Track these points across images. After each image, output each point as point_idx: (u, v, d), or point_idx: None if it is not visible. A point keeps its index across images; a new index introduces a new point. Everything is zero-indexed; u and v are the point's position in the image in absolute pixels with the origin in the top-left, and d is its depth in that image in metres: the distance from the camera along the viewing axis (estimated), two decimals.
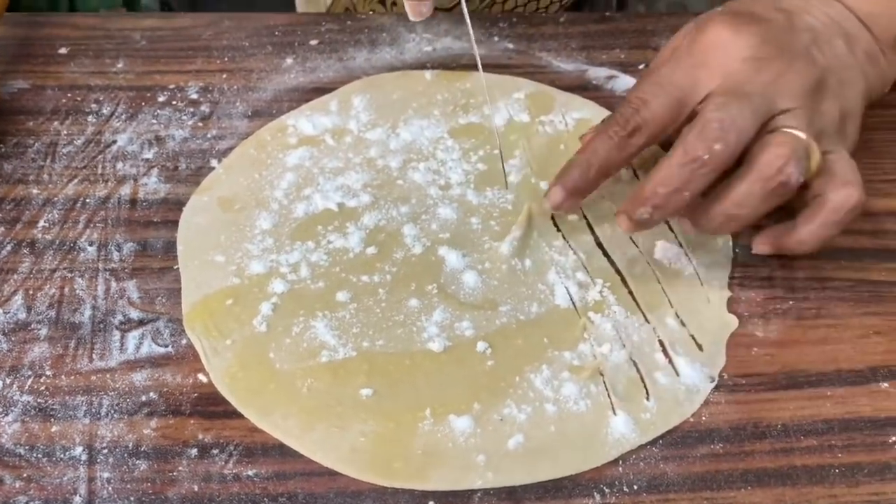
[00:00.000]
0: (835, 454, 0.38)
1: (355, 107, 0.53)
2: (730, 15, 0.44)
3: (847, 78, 0.44)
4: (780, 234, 0.42)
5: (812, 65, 0.43)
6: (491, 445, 0.37)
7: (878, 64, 0.46)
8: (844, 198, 0.40)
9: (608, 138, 0.42)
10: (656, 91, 0.42)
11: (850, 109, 0.44)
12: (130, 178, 0.49)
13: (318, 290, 0.43)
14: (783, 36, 0.43)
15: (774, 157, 0.39)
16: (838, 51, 0.45)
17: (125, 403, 0.39)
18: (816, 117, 0.42)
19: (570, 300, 0.43)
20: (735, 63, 0.42)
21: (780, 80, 0.42)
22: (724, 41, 0.42)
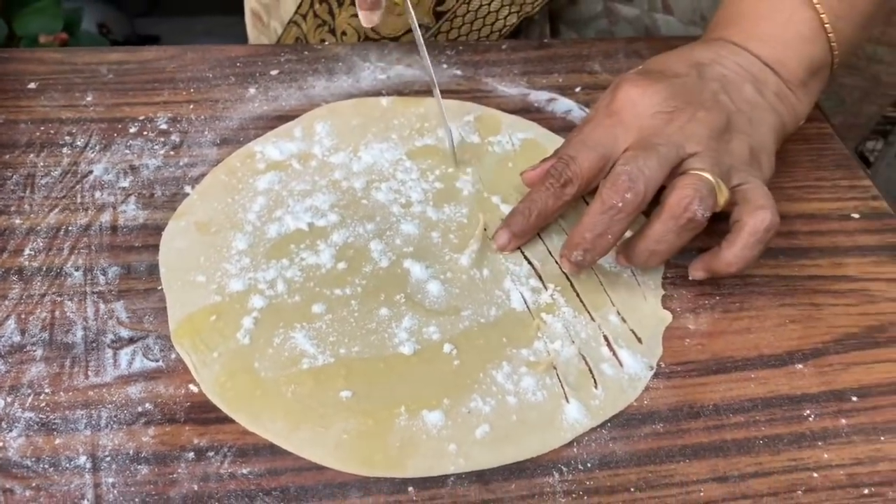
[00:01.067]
0: (759, 428, 0.43)
1: (318, 132, 0.57)
2: (641, 75, 0.50)
3: (757, 117, 0.50)
4: (710, 260, 0.47)
5: (718, 110, 0.48)
6: (461, 435, 0.42)
7: (789, 102, 0.52)
8: (759, 220, 0.45)
9: (545, 189, 0.49)
10: (580, 148, 0.48)
11: (760, 144, 0.49)
12: (109, 206, 0.52)
13: (295, 304, 0.47)
14: (691, 88, 0.49)
15: (680, 198, 0.45)
16: (747, 94, 0.50)
17: (123, 414, 0.42)
18: (724, 156, 0.47)
19: (524, 304, 0.48)
20: (646, 118, 0.48)
21: (686, 127, 0.47)
22: (634, 100, 0.48)
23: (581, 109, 0.61)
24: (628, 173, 0.45)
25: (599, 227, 0.45)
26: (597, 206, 0.45)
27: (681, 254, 0.48)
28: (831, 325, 0.49)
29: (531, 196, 0.50)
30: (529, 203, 0.49)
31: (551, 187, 0.49)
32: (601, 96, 0.52)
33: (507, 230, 0.50)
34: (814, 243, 0.53)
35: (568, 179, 0.48)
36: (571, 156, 0.48)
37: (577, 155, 0.48)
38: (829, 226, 0.55)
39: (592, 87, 0.63)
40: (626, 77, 0.50)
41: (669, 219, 0.45)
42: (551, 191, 0.49)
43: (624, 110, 0.49)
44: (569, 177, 0.48)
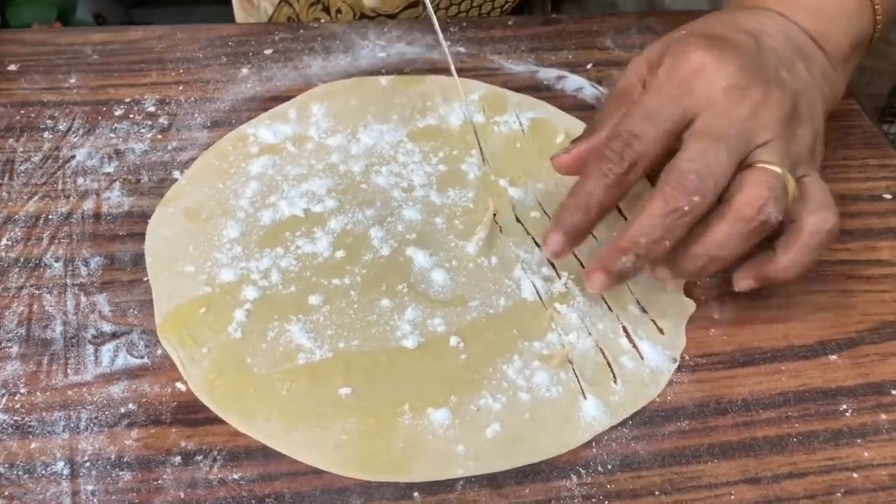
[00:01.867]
0: (792, 424, 0.40)
1: (314, 114, 0.54)
2: (705, 39, 0.43)
3: (813, 99, 0.44)
4: (761, 266, 0.42)
5: (785, 91, 0.42)
6: (469, 435, 0.39)
7: (830, 81, 0.47)
8: (821, 222, 0.40)
9: (603, 176, 0.41)
10: (646, 125, 0.41)
11: (818, 130, 0.44)
12: (92, 193, 0.49)
13: (291, 295, 0.44)
14: (756, 60, 0.43)
15: (753, 198, 0.39)
16: (801, 73, 0.45)
17: (104, 416, 0.39)
18: (793, 145, 0.42)
19: (536, 293, 0.45)
20: (718, 91, 0.41)
21: (759, 111, 0.41)
22: (706, 68, 0.41)
23: (593, 87, 0.58)
24: (697, 172, 0.39)
25: (658, 231, 0.39)
26: (657, 207, 0.39)
27: None
28: (865, 313, 0.45)
29: (584, 186, 0.41)
30: (585, 195, 0.41)
31: (611, 173, 0.40)
32: (642, 58, 0.46)
33: (560, 232, 0.41)
34: (844, 226, 0.49)
35: (633, 162, 0.40)
36: (635, 133, 0.41)
37: (642, 132, 0.41)
38: (860, 207, 0.51)
39: (604, 64, 0.60)
40: (693, 40, 0.43)
41: (738, 221, 0.39)
42: (611, 178, 0.40)
43: (693, 79, 0.41)
44: (633, 159, 0.40)
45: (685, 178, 0.39)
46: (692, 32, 0.45)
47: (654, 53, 0.46)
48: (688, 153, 0.40)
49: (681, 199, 0.39)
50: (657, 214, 0.39)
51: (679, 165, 0.39)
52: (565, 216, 0.41)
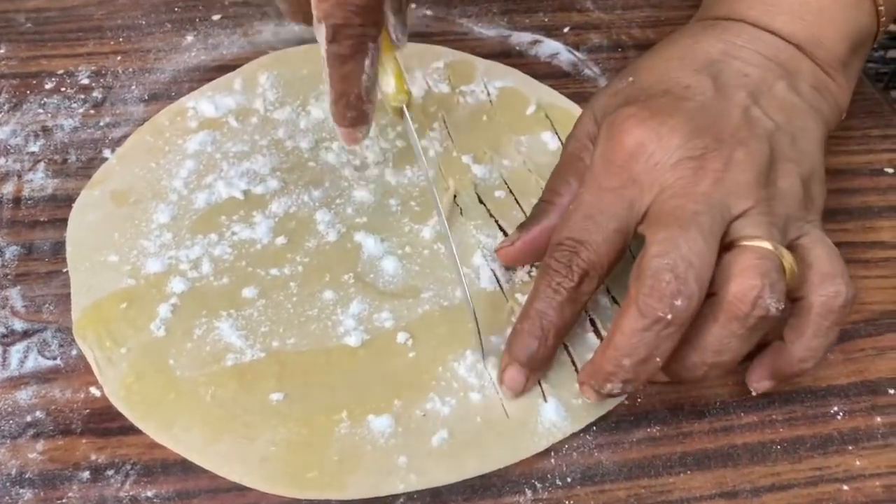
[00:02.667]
0: (776, 430, 0.36)
1: (261, 84, 0.49)
2: (643, 110, 0.36)
3: (798, 129, 0.37)
4: (774, 362, 0.35)
5: (753, 142, 0.35)
6: (413, 444, 0.35)
7: (829, 92, 0.40)
8: (831, 298, 0.34)
9: (555, 293, 0.35)
10: (589, 227, 0.35)
11: (810, 169, 0.37)
12: (14, 175, 0.45)
13: (222, 288, 0.40)
14: (713, 115, 0.36)
15: (745, 291, 0.32)
16: (782, 98, 0.38)
17: (8, 426, 0.35)
18: (777, 205, 0.35)
19: (496, 283, 0.41)
20: (666, 173, 0.34)
21: (723, 179, 0.34)
22: (645, 146, 0.35)
23: (570, 52, 0.53)
24: (671, 269, 0.32)
25: (642, 349, 0.32)
26: (634, 321, 0.32)
27: None
28: (862, 302, 0.41)
29: (535, 306, 0.35)
30: (538, 318, 0.35)
31: (561, 288, 0.35)
32: (579, 132, 0.39)
33: (518, 367, 0.36)
34: (841, 203, 0.45)
35: (583, 272, 0.35)
36: (579, 239, 0.35)
37: (587, 237, 0.35)
38: (860, 182, 0.47)
39: (583, 27, 0.55)
40: (624, 114, 0.36)
41: (731, 321, 0.32)
42: (563, 294, 0.35)
43: (634, 163, 0.35)
44: (583, 268, 0.35)
45: (659, 280, 0.32)
46: (629, 97, 0.38)
47: (598, 111, 0.39)
48: (654, 247, 0.33)
49: (659, 307, 0.32)
50: (636, 330, 0.32)
51: (648, 265, 0.32)
52: (519, 345, 0.36)
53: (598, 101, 0.40)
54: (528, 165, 0.46)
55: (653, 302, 0.32)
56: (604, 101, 0.40)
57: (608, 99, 0.40)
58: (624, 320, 0.33)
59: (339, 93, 0.37)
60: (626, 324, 0.32)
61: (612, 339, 0.33)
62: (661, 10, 0.57)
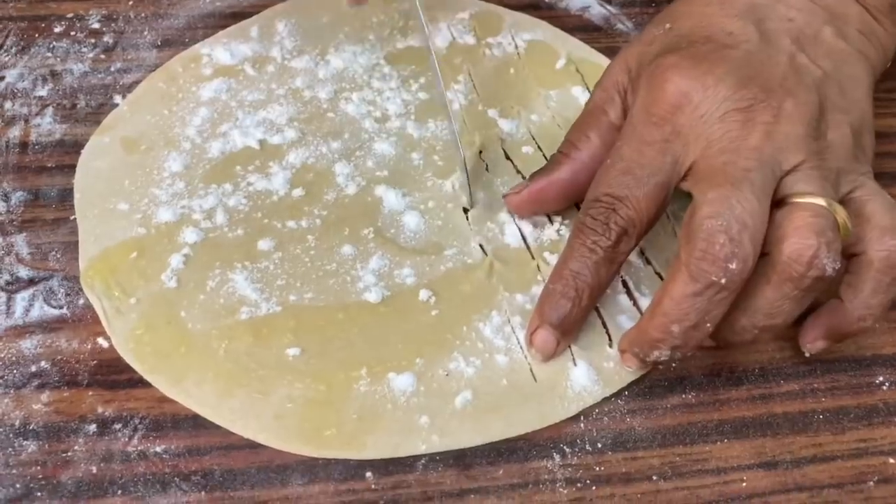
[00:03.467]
0: (818, 398, 0.34)
1: (279, 32, 0.47)
2: (686, 59, 0.34)
3: (847, 77, 0.35)
4: (830, 322, 0.34)
5: (805, 92, 0.33)
6: (435, 405, 0.33)
7: (876, 37, 0.38)
8: (892, 252, 0.32)
9: (590, 252, 0.33)
10: (629, 182, 0.33)
11: (861, 118, 0.35)
12: (21, 119, 0.43)
13: (237, 239, 0.38)
14: (760, 64, 0.34)
15: (800, 251, 0.30)
16: (829, 43, 0.36)
17: (12, 375, 0.33)
18: (829, 158, 0.33)
19: (522, 240, 0.39)
20: (713, 126, 0.33)
21: (774, 133, 0.32)
22: (690, 98, 0.33)
23: (601, 6, 0.51)
24: (725, 230, 0.30)
25: (693, 315, 0.31)
26: (684, 287, 0.30)
27: None
28: None
29: (569, 266, 0.34)
30: (572, 278, 0.33)
31: (598, 247, 0.33)
32: (609, 77, 0.37)
33: (550, 330, 0.34)
34: (884, 167, 0.43)
35: (622, 231, 0.33)
36: (616, 195, 0.33)
37: (626, 193, 0.33)
38: None
39: None
40: (667, 63, 0.34)
41: (785, 282, 0.31)
42: (599, 254, 0.33)
43: (678, 115, 0.33)
44: (622, 226, 0.33)
45: (712, 243, 0.30)
46: (676, 34, 0.36)
47: (635, 61, 0.37)
48: (706, 208, 0.31)
49: (712, 271, 0.30)
50: (687, 295, 0.30)
51: (700, 226, 0.31)
52: (551, 306, 0.34)
53: (632, 50, 0.38)
54: (557, 121, 0.44)
55: (706, 266, 0.30)
56: (639, 50, 0.37)
57: (644, 48, 0.37)
58: (674, 285, 0.31)
59: None
60: (676, 289, 0.31)
61: (661, 305, 0.31)
62: None
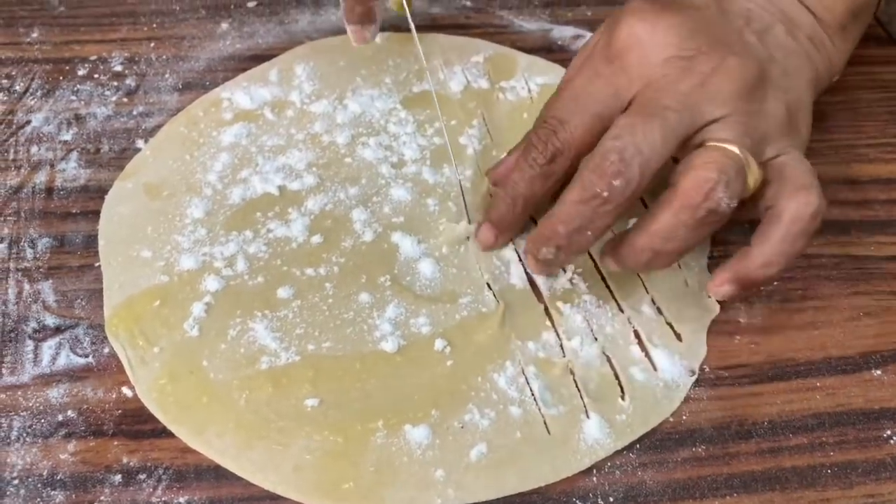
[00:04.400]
0: (826, 453, 0.35)
1: (298, 76, 0.48)
2: (647, 5, 0.38)
3: (792, 66, 0.39)
4: (738, 266, 0.35)
5: (748, 58, 0.36)
6: (451, 458, 0.34)
7: (825, 49, 0.41)
8: (802, 206, 0.35)
9: (529, 167, 0.38)
10: (572, 108, 0.37)
11: (797, 102, 0.38)
12: (46, 164, 0.44)
13: (257, 287, 0.39)
14: (713, 25, 0.37)
15: (699, 182, 0.33)
16: (779, 38, 0.39)
17: (39, 425, 0.34)
18: (756, 120, 0.36)
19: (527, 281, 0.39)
20: (655, 66, 0.36)
21: (707, 83, 0.35)
22: (640, 39, 0.36)
23: None
24: (619, 151, 0.34)
25: (577, 219, 0.35)
26: (575, 193, 0.35)
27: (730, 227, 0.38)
28: None
29: (512, 177, 0.39)
30: (511, 187, 0.39)
31: (534, 164, 0.38)
32: (594, 33, 0.40)
33: (489, 226, 0.40)
34: (893, 215, 0.44)
35: (557, 151, 0.37)
36: (560, 119, 0.37)
37: (568, 117, 0.37)
38: None
39: None
40: (630, 7, 0.38)
41: (683, 209, 0.34)
42: (536, 169, 0.38)
43: (627, 53, 0.36)
44: (557, 147, 0.37)
45: (605, 159, 0.34)
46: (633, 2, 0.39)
47: (599, 31, 0.40)
48: (613, 130, 0.35)
49: (599, 182, 0.34)
50: (575, 201, 0.35)
51: (602, 145, 0.34)
52: (493, 208, 0.40)
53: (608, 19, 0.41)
54: None
55: (595, 178, 0.34)
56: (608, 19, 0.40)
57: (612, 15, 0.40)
58: (567, 192, 0.35)
59: None
60: (567, 195, 0.35)
61: (555, 208, 0.35)
62: None
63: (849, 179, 0.45)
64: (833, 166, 0.46)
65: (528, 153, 0.38)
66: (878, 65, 0.51)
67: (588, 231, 0.35)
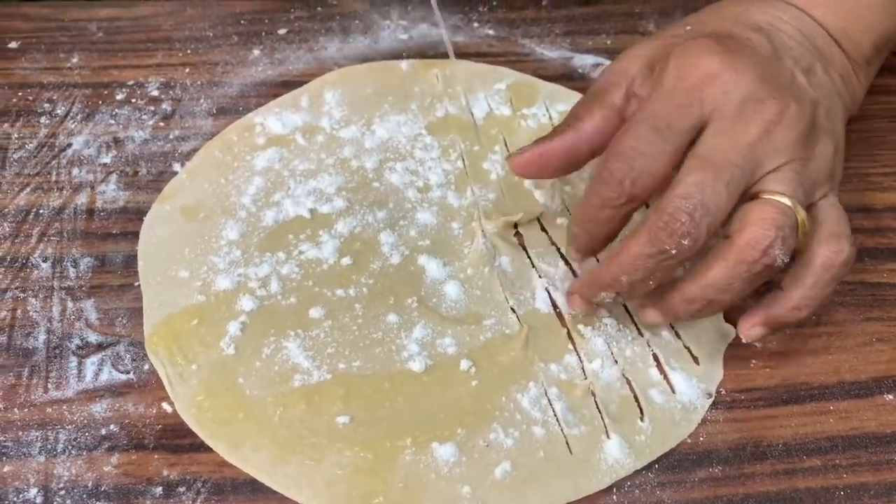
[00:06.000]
0: (839, 475, 0.36)
1: (327, 102, 0.50)
2: (716, 41, 0.37)
3: (832, 107, 0.39)
4: (769, 309, 0.37)
5: (804, 103, 0.37)
6: (477, 475, 0.35)
7: (851, 85, 0.42)
8: (834, 254, 0.36)
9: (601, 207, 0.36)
10: (654, 139, 0.35)
11: (839, 143, 0.39)
12: (87, 186, 0.46)
13: (290, 307, 0.40)
14: (772, 66, 0.38)
15: (758, 239, 0.34)
16: (820, 77, 0.39)
17: (84, 438, 0.36)
18: (809, 168, 0.36)
19: (551, 305, 0.41)
20: (731, 105, 0.36)
21: (773, 132, 0.35)
22: (721, 76, 0.36)
23: None
24: (689, 212, 0.34)
25: (641, 272, 0.35)
26: (642, 246, 0.35)
27: None
28: None
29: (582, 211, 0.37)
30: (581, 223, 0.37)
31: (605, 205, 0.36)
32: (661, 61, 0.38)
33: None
34: None
35: (632, 196, 0.36)
36: (640, 151, 0.35)
37: (650, 148, 0.35)
38: None
39: None
40: (703, 43, 0.37)
41: (740, 264, 0.34)
42: (605, 212, 0.36)
43: (707, 87, 0.36)
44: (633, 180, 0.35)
45: (675, 219, 0.34)
46: (699, 31, 0.40)
47: (654, 52, 0.40)
48: (683, 188, 0.34)
49: (668, 241, 0.34)
50: (642, 255, 0.35)
51: (671, 203, 0.34)
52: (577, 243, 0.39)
53: (647, 45, 0.41)
54: None
55: (664, 236, 0.34)
56: (658, 44, 0.40)
57: (665, 41, 0.40)
58: (633, 242, 0.35)
59: None
60: (634, 246, 0.35)
61: (619, 257, 0.35)
62: None
63: (863, 207, 0.46)
64: (848, 194, 0.47)
65: (600, 189, 0.36)
66: (893, 94, 0.53)
67: (650, 281, 0.35)
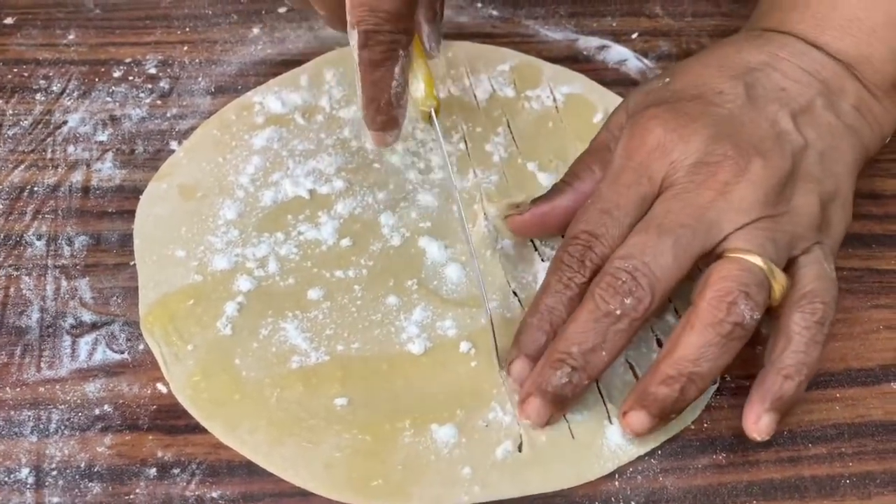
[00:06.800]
0: (845, 463, 0.35)
1: (328, 81, 0.49)
2: (669, 111, 0.37)
3: (829, 148, 0.38)
4: (761, 388, 0.34)
5: (777, 156, 0.36)
6: (477, 456, 0.35)
7: (872, 115, 0.40)
8: (807, 315, 0.34)
9: (564, 288, 0.35)
10: (606, 222, 0.35)
11: (833, 193, 0.37)
12: (83, 164, 0.45)
13: (288, 288, 0.40)
14: (739, 124, 0.36)
15: (720, 296, 0.33)
16: (817, 116, 0.38)
17: (77, 418, 0.35)
18: (783, 223, 0.35)
19: None
20: (681, 172, 0.35)
21: (729, 193, 0.35)
22: (664, 146, 0.36)
23: (638, 59, 0.52)
24: (629, 271, 0.33)
25: (591, 338, 0.33)
26: (587, 311, 0.34)
27: None
28: None
29: (545, 301, 0.36)
30: (547, 313, 0.35)
31: (572, 283, 0.35)
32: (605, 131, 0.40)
33: (525, 360, 0.36)
34: None
35: (595, 268, 0.35)
36: (595, 233, 0.35)
37: (602, 231, 0.35)
38: None
39: (652, 34, 0.54)
40: (651, 112, 0.37)
41: (706, 328, 0.33)
42: (574, 289, 0.35)
43: (652, 160, 0.36)
44: (596, 263, 0.35)
45: (616, 277, 0.34)
46: (660, 98, 0.39)
47: (632, 106, 0.40)
48: (623, 249, 0.34)
49: (611, 301, 0.34)
50: (588, 319, 0.34)
51: (612, 264, 0.34)
52: (527, 337, 0.36)
53: (634, 98, 0.41)
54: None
55: (607, 297, 0.34)
56: (638, 99, 0.40)
57: (642, 97, 0.40)
58: (579, 311, 0.34)
59: (370, 97, 0.38)
60: (580, 314, 0.34)
61: (567, 328, 0.34)
62: (732, 18, 0.55)
63: (872, 194, 0.45)
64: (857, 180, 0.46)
65: (563, 273, 0.35)
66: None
67: (603, 351, 0.34)
